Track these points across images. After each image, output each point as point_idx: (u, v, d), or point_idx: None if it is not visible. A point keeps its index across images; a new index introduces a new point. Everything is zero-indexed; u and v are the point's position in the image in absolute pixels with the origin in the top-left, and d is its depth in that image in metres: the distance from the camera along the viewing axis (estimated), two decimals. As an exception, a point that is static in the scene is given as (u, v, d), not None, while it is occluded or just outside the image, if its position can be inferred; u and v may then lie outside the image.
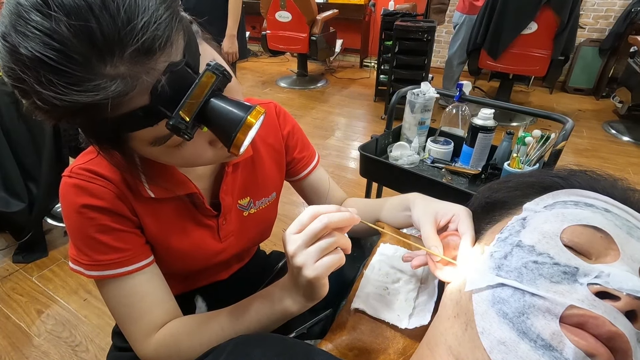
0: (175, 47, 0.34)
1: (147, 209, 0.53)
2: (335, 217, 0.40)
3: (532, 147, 0.98)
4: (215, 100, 0.35)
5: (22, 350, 1.29)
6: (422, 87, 1.18)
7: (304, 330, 0.56)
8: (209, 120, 0.35)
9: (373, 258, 0.54)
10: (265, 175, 0.66)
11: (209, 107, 0.35)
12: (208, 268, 0.65)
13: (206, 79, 0.34)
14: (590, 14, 3.56)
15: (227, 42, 2.01)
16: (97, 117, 0.34)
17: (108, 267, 0.50)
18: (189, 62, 0.35)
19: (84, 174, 0.49)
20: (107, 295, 0.52)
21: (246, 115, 0.34)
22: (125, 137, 0.38)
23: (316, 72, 4.48)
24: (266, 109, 0.66)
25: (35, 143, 1.49)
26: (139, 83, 0.32)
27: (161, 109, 0.34)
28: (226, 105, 0.35)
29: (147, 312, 0.52)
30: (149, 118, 0.35)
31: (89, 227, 0.49)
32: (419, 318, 0.44)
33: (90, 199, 0.49)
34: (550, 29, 2.49)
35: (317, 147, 2.69)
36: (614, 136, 2.86)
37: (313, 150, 0.75)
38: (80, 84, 0.31)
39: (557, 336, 0.28)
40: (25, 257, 1.64)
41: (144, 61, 0.32)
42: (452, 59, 3.12)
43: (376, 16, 4.26)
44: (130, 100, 0.33)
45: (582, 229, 0.34)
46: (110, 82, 0.31)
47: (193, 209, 0.58)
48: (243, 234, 0.66)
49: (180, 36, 0.35)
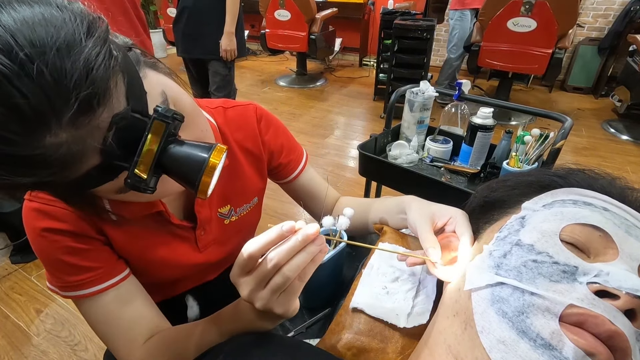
0: (116, 96, 0.30)
1: (114, 228, 0.51)
2: (283, 252, 0.35)
3: (531, 145, 0.98)
4: (171, 147, 0.32)
5: (21, 350, 1.29)
6: (421, 85, 1.18)
7: (302, 329, 0.56)
8: (169, 170, 0.33)
9: (372, 257, 0.53)
10: (244, 182, 0.64)
11: (166, 156, 0.32)
12: (188, 276, 0.64)
13: (156, 129, 0.31)
14: (590, 13, 3.56)
15: (225, 40, 2.01)
16: (55, 183, 0.31)
17: (80, 287, 0.49)
18: (135, 107, 0.32)
19: (43, 196, 0.47)
20: (86, 314, 0.52)
21: (208, 157, 0.32)
22: (89, 192, 0.36)
23: (315, 71, 4.47)
24: (245, 111, 0.64)
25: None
26: (86, 146, 0.29)
27: (117, 163, 0.32)
28: (184, 149, 0.32)
29: (127, 329, 0.51)
30: (106, 174, 0.33)
31: (54, 250, 0.48)
32: (417, 317, 0.44)
33: (51, 222, 0.47)
34: (550, 27, 2.49)
35: (316, 146, 2.69)
36: (613, 135, 2.87)
37: (300, 151, 0.72)
38: (23, 163, 0.28)
39: (556, 335, 0.28)
40: (23, 257, 1.64)
41: (85, 122, 0.29)
42: (449, 53, 3.23)
43: (375, 15, 4.25)
44: (82, 163, 0.31)
45: (581, 228, 0.34)
46: (55, 152, 0.28)
47: (167, 224, 0.56)
48: (225, 241, 0.64)
49: (119, 79, 0.31)
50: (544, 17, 2.49)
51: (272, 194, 0.70)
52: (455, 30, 3.08)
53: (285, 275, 0.35)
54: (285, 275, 0.35)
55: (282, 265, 0.35)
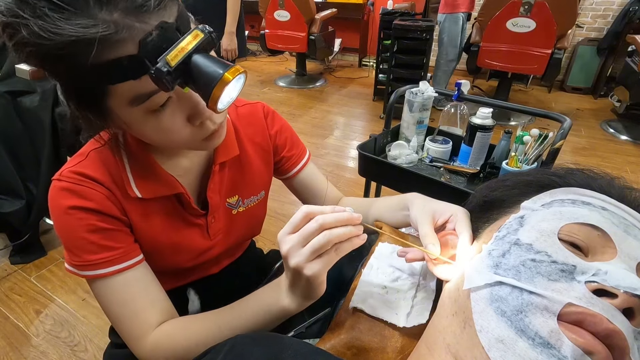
0: (168, 12, 0.37)
1: (135, 209, 0.54)
2: (330, 218, 0.40)
3: (530, 146, 0.98)
4: (198, 56, 0.36)
5: (20, 351, 1.29)
6: (420, 86, 1.18)
7: (302, 329, 0.56)
8: (191, 76, 0.36)
9: (371, 257, 0.54)
10: (253, 174, 0.67)
11: (192, 61, 0.36)
12: (198, 264, 0.65)
13: (194, 36, 0.36)
14: (589, 13, 3.57)
15: (225, 40, 2.01)
16: (81, 63, 0.34)
17: (99, 267, 0.50)
18: (180, 28, 0.37)
19: (73, 176, 0.50)
20: (101, 295, 0.52)
21: (224, 72, 0.36)
22: (105, 95, 0.39)
23: (315, 72, 4.47)
24: (254, 108, 0.68)
25: (34, 143, 1.49)
26: (129, 30, 0.34)
27: (147, 62, 0.35)
28: (208, 61, 0.36)
29: (141, 311, 0.52)
30: (133, 70, 0.36)
31: (78, 228, 0.49)
32: (417, 317, 0.44)
33: (78, 200, 0.49)
34: (549, 27, 2.49)
35: (316, 146, 2.69)
36: (612, 135, 2.87)
37: (303, 148, 0.75)
38: (74, 18, 0.32)
39: (555, 334, 0.28)
40: (22, 257, 1.64)
41: (137, 14, 0.34)
42: (438, 58, 3.14)
43: (375, 15, 4.26)
44: (118, 47, 0.34)
45: (580, 227, 0.34)
46: (102, 23, 0.33)
47: (181, 209, 0.59)
48: (232, 231, 0.66)
49: (174, 5, 0.38)
50: (543, 18, 2.49)
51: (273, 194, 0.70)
52: (444, 34, 3.01)
53: (327, 237, 0.39)
54: (327, 237, 0.39)
55: (326, 228, 0.39)
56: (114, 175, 0.52)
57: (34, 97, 1.42)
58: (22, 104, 1.43)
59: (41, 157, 1.49)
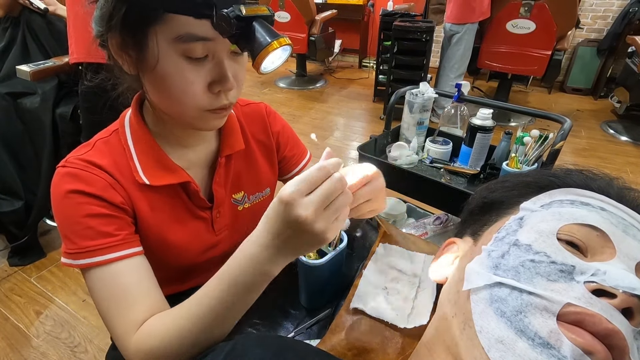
0: None
1: (142, 197, 0.54)
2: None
3: (530, 147, 0.98)
4: (260, 20, 0.42)
5: (20, 352, 1.29)
6: (420, 87, 1.18)
7: (303, 330, 0.56)
8: (247, 35, 0.42)
9: (372, 258, 0.54)
10: (258, 171, 0.68)
11: (254, 24, 0.42)
12: (202, 263, 0.64)
13: (261, 7, 0.42)
14: (589, 14, 3.57)
15: None
16: None
17: (95, 254, 0.48)
18: None
19: (78, 162, 0.51)
20: (93, 286, 0.49)
21: (273, 40, 0.41)
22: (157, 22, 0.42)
23: (315, 73, 4.48)
24: (258, 107, 0.70)
25: (34, 145, 1.49)
26: None
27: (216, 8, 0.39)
28: (264, 28, 0.42)
29: (131, 305, 0.48)
30: (202, 7, 0.40)
31: (76, 212, 0.49)
32: (417, 317, 0.44)
33: (79, 184, 0.49)
34: (549, 29, 2.50)
35: (316, 147, 2.69)
36: (612, 136, 2.87)
37: (304, 149, 0.77)
38: None
39: (554, 334, 0.28)
40: (21, 259, 1.64)
41: None
42: (446, 71, 2.79)
43: (375, 16, 4.26)
44: None
45: (579, 228, 0.34)
46: None
47: (187, 200, 0.59)
48: (237, 228, 0.67)
49: None
50: (543, 19, 2.50)
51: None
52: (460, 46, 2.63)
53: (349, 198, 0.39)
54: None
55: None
56: (120, 163, 0.53)
57: (34, 99, 1.43)
58: (23, 105, 1.43)
59: (41, 158, 1.49)
